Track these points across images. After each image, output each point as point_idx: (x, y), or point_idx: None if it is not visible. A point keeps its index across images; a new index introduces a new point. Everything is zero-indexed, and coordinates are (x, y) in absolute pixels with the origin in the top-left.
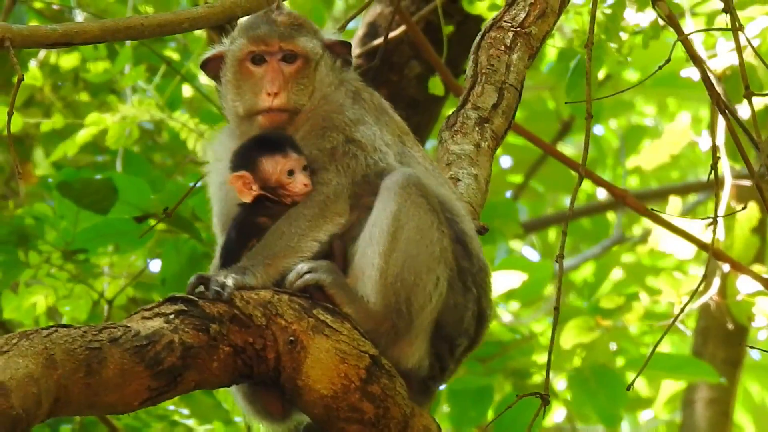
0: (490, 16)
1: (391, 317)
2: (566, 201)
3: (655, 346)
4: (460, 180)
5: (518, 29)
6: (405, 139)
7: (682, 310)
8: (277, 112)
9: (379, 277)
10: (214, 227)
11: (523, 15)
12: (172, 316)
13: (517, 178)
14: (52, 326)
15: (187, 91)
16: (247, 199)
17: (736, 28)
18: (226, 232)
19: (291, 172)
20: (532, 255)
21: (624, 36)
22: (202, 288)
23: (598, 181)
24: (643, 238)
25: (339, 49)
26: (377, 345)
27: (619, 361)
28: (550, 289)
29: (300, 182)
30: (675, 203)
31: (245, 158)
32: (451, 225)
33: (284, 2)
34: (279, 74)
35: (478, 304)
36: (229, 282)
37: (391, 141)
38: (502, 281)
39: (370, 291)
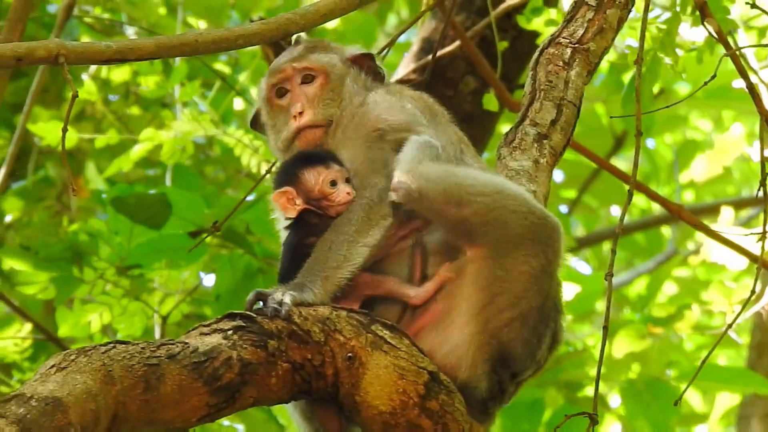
0: (546, 31)
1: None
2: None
3: (708, 354)
4: None
5: (576, 45)
6: (464, 148)
7: (736, 318)
8: (308, 129)
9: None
10: None
11: (581, 31)
12: (230, 332)
13: (570, 193)
14: (109, 342)
15: (238, 104)
16: (292, 215)
17: None
18: (280, 257)
19: (333, 183)
20: (585, 269)
21: (680, 52)
22: (260, 304)
23: (653, 196)
24: (696, 250)
25: (363, 61)
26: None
27: (673, 374)
28: (602, 303)
29: (343, 191)
30: (727, 214)
31: (287, 174)
32: None
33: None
34: (301, 95)
35: (553, 332)
36: (287, 299)
37: (446, 142)
38: None
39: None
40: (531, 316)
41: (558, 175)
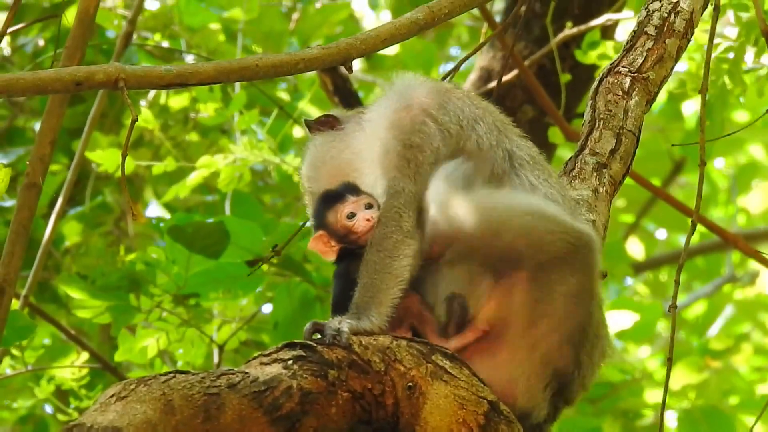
0: (603, 64)
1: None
2: (680, 240)
3: None
4: None
5: (636, 74)
6: (514, 155)
7: None
8: None
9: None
10: None
11: (640, 60)
12: (290, 362)
13: (628, 218)
14: (169, 372)
15: (297, 131)
16: (332, 258)
17: None
18: (332, 289)
19: (351, 215)
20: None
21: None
22: (318, 335)
23: (711, 227)
24: (752, 278)
25: (320, 126)
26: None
27: (731, 401)
28: (660, 327)
29: (362, 219)
30: None
31: (317, 219)
32: None
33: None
34: None
35: (602, 350)
36: (345, 327)
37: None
38: (613, 321)
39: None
40: (577, 336)
41: (618, 201)
